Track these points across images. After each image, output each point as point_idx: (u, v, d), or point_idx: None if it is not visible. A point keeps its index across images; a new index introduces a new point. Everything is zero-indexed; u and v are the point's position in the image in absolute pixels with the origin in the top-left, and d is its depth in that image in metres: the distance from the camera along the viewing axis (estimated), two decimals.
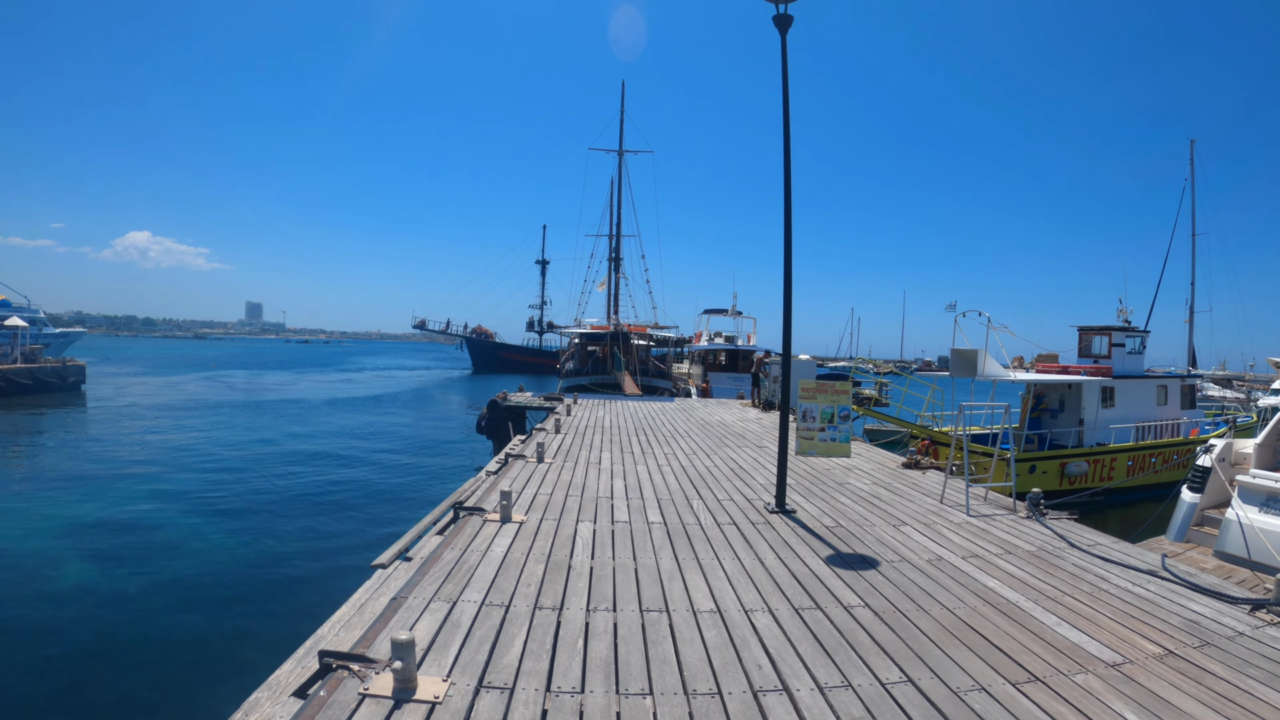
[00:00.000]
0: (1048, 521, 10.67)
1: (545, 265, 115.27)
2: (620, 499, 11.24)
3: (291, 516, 19.97)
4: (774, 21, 11.10)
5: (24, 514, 19.42)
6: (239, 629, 12.50)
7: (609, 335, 43.73)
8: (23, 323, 59.02)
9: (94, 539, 17.18)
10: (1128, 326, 26.58)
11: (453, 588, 6.77)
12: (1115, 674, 5.51)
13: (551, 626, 6.00)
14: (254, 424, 40.81)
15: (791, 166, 11.21)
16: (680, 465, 14.67)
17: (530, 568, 7.55)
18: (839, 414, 12.12)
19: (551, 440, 16.90)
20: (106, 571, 14.94)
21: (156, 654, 11.47)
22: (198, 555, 16.23)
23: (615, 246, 61.33)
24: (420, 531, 9.26)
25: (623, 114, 61.93)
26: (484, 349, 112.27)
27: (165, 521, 18.99)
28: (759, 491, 12.28)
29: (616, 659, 5.44)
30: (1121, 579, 8.03)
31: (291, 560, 16.15)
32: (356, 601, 6.72)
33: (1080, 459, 22.34)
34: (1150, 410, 25.56)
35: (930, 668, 5.46)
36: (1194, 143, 48.97)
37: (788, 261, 11.16)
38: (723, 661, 5.47)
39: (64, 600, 13.47)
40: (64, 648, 11.53)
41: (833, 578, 7.65)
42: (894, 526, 10.11)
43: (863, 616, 6.50)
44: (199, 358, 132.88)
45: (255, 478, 25.28)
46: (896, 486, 13.26)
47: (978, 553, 8.88)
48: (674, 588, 7.15)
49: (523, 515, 9.73)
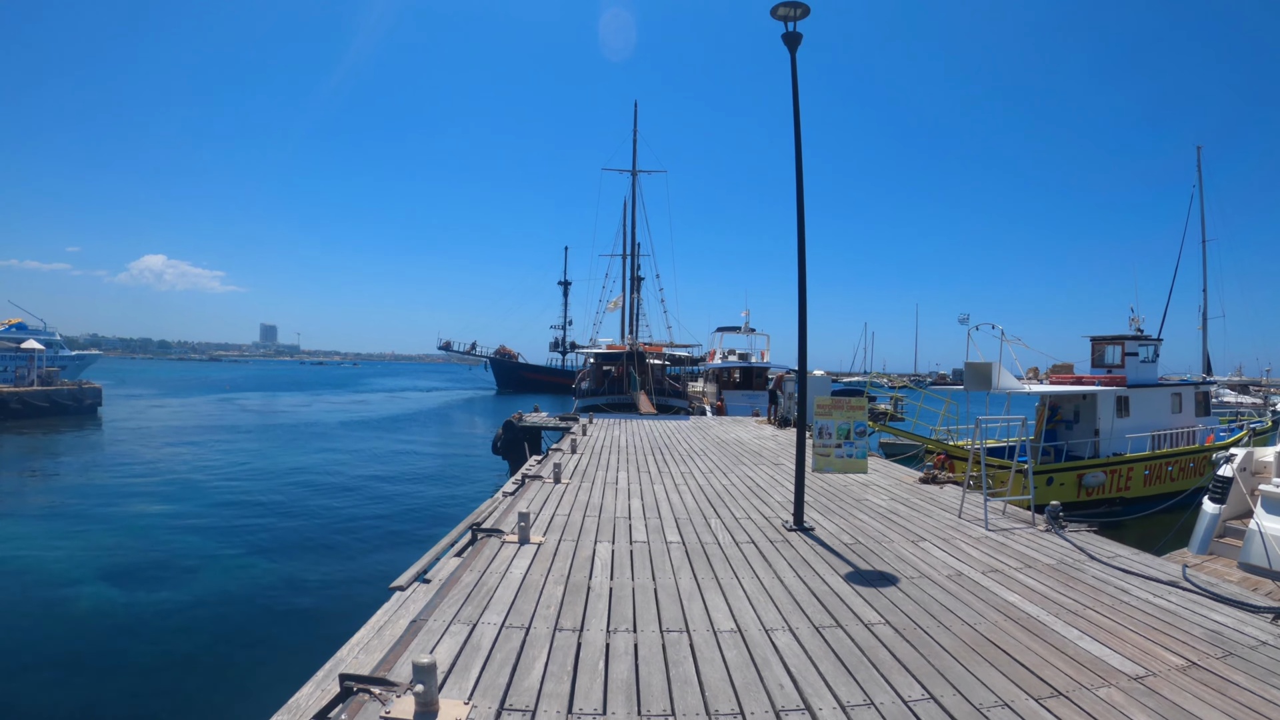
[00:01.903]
0: (1067, 534, 10.64)
1: (567, 286, 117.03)
2: (638, 519, 11.26)
3: (308, 538, 20.05)
4: (783, 40, 11.19)
5: (41, 536, 19.59)
6: (256, 651, 12.52)
7: (624, 355, 43.78)
8: (39, 345, 59.58)
9: (111, 561, 17.28)
10: (1140, 335, 26.50)
11: (472, 610, 6.80)
12: (1138, 687, 5.49)
13: (572, 648, 6.02)
14: (269, 446, 41.04)
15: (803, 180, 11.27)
16: (697, 484, 14.69)
17: (550, 589, 7.58)
18: (855, 430, 12.12)
19: (568, 460, 16.94)
20: (124, 594, 15.02)
21: (174, 677, 11.53)
22: (214, 577, 16.30)
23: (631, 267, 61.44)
24: (438, 553, 9.26)
25: (635, 134, 62.25)
26: (508, 369, 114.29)
27: (181, 543, 19.11)
28: (777, 509, 12.28)
29: (638, 680, 5.45)
30: (1142, 591, 8.01)
31: (308, 582, 16.19)
32: (375, 624, 6.72)
33: (1097, 470, 22.24)
34: (1165, 419, 25.45)
35: (952, 684, 5.46)
36: (1200, 148, 49.01)
37: (801, 284, 11.19)
38: (744, 681, 5.47)
39: (81, 623, 13.54)
40: (81, 670, 11.62)
41: (853, 595, 7.65)
42: (913, 542, 10.10)
43: (884, 634, 6.50)
44: (214, 380, 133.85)
45: (271, 499, 25.43)
46: (914, 502, 13.24)
47: (997, 567, 8.86)
48: (694, 607, 7.16)
49: (541, 536, 9.76)
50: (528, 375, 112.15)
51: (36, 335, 64.77)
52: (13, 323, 67.11)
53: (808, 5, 10.81)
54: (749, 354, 50.60)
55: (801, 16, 10.97)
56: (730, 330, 51.87)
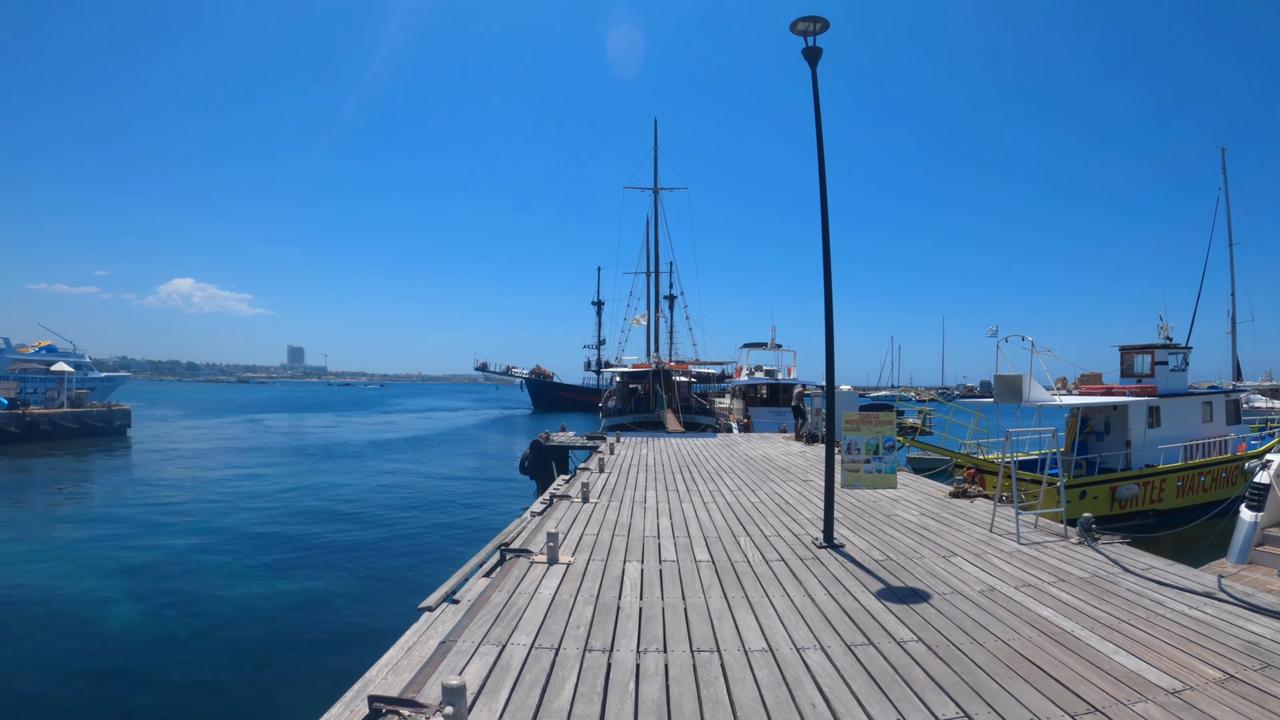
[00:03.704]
0: (1100, 547, 10.54)
1: (600, 306, 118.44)
2: (667, 537, 11.28)
3: (335, 558, 20.15)
4: (804, 55, 11.23)
5: (71, 556, 19.85)
6: (284, 672, 12.59)
7: (650, 373, 43.81)
8: (69, 368, 60.60)
9: (140, 582, 17.45)
10: (1169, 343, 26.22)
11: (501, 630, 6.84)
12: (1175, 701, 5.44)
13: (602, 669, 6.03)
14: (296, 467, 41.40)
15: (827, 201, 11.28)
16: (726, 502, 14.68)
17: (579, 609, 7.60)
18: (884, 445, 12.09)
19: (596, 479, 16.98)
20: (153, 614, 15.14)
21: (203, 696, 11.59)
22: (242, 597, 16.41)
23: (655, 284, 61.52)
24: (466, 574, 9.30)
25: (656, 152, 62.28)
26: (543, 389, 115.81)
27: (210, 564, 19.29)
28: (806, 526, 12.25)
29: (669, 701, 5.45)
30: (1177, 603, 7.93)
31: (336, 602, 16.26)
32: (404, 644, 6.74)
33: (1130, 482, 22.00)
34: (1197, 428, 25.13)
35: (987, 702, 5.43)
36: (1225, 150, 48.58)
37: (828, 300, 11.20)
38: (776, 701, 5.46)
39: (111, 642, 13.67)
40: (110, 689, 11.73)
41: (884, 612, 7.62)
42: (944, 558, 10.05)
43: (916, 651, 6.47)
44: (242, 402, 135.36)
45: (298, 520, 25.62)
46: (945, 517, 13.17)
47: (1030, 582, 8.80)
48: (724, 627, 7.15)
49: (570, 556, 9.80)
50: (562, 394, 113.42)
51: (66, 358, 65.94)
52: (42, 345, 68.35)
53: (827, 20, 10.84)
54: (775, 370, 50.46)
55: (821, 31, 11.02)
56: (756, 346, 51.76)
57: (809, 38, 11.10)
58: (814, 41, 11.14)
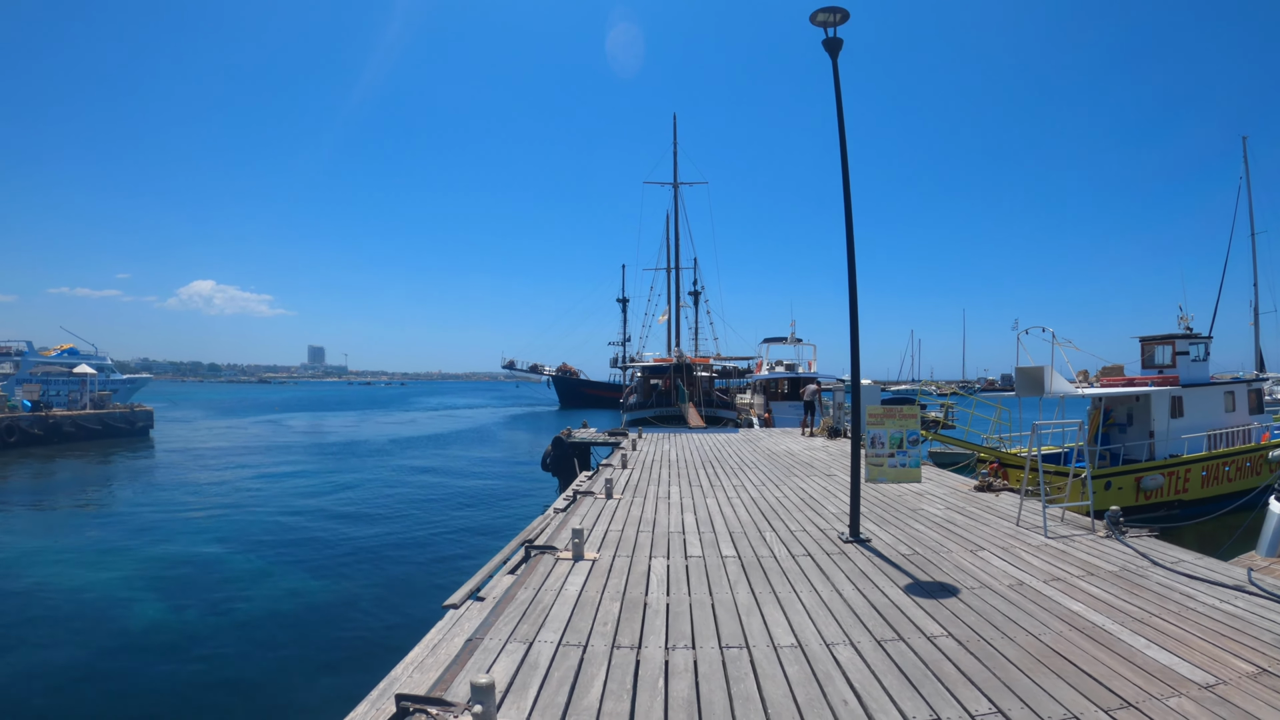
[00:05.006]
0: (1128, 540, 10.50)
1: (625, 303, 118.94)
2: (692, 533, 11.29)
3: (359, 556, 20.31)
4: (824, 46, 11.22)
5: (95, 555, 20.11)
6: (309, 670, 12.68)
7: (671, 368, 43.74)
8: (91, 370, 61.05)
9: (163, 580, 17.65)
10: (1190, 333, 26.06)
11: (528, 628, 6.85)
12: (1209, 695, 5.43)
13: (630, 666, 6.03)
14: (318, 465, 41.75)
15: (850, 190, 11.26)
16: (750, 497, 14.68)
17: (606, 606, 7.62)
18: (908, 439, 12.07)
19: (619, 475, 17.00)
20: (177, 613, 15.29)
21: (227, 695, 11.70)
22: (266, 596, 16.55)
23: (676, 280, 61.45)
24: (491, 570, 9.34)
25: (675, 147, 62.06)
26: (569, 386, 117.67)
27: (234, 563, 19.48)
28: (831, 521, 12.25)
29: (699, 698, 5.45)
30: (1208, 596, 7.89)
31: (359, 600, 16.36)
32: (429, 642, 6.78)
33: (1155, 472, 21.89)
34: (1219, 418, 25.00)
35: (1020, 697, 5.42)
36: (1246, 139, 48.03)
37: (852, 293, 11.18)
38: (807, 697, 5.46)
39: (135, 641, 13.80)
40: (135, 688, 11.84)
41: (913, 607, 7.62)
42: (971, 552, 10.03)
43: (947, 646, 6.47)
44: (263, 402, 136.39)
45: (320, 518, 25.87)
46: (970, 510, 13.13)
47: (1059, 575, 8.78)
48: (753, 622, 7.17)
49: (595, 552, 9.81)
50: (588, 391, 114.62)
51: (89, 360, 66.62)
52: (64, 348, 68.97)
53: (847, 10, 10.81)
54: (796, 364, 50.34)
55: (841, 22, 11.00)
56: (777, 341, 51.65)
57: (829, 28, 11.09)
58: (834, 33, 11.13)
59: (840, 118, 11.41)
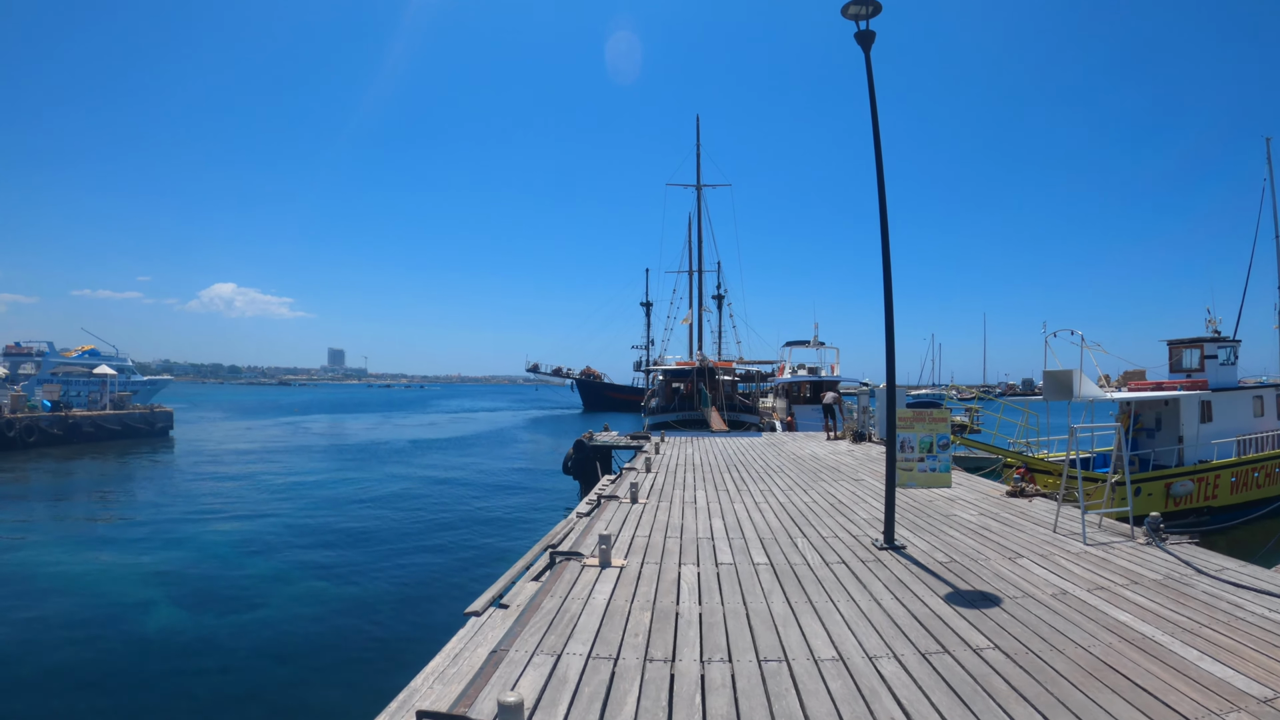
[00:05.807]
0: (1169, 547, 10.32)
1: (649, 307, 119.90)
2: (721, 539, 11.16)
3: (377, 560, 20.24)
4: (856, 40, 11.11)
5: (113, 557, 20.12)
6: (326, 677, 12.55)
7: (694, 371, 43.61)
8: (111, 371, 61.44)
9: (181, 583, 17.61)
10: (1218, 337, 25.75)
11: (555, 639, 6.66)
12: (1269, 710, 5.28)
13: (665, 680, 5.81)
14: (338, 468, 41.83)
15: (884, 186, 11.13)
16: (778, 502, 14.56)
17: (636, 616, 7.42)
18: (938, 443, 11.92)
19: (644, 479, 16.91)
20: (194, 618, 15.22)
21: (242, 703, 11.57)
22: (285, 601, 16.46)
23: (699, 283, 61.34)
24: (513, 576, 9.10)
25: (699, 148, 61.96)
26: (593, 389, 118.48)
27: (252, 566, 19.43)
28: (863, 527, 12.11)
29: (738, 715, 5.23)
30: (1258, 605, 7.72)
31: (378, 605, 16.23)
32: (450, 651, 6.60)
33: (1185, 478, 21.62)
34: (1249, 422, 24.69)
35: (1075, 714, 5.26)
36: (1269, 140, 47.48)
37: (888, 297, 11.05)
38: (853, 715, 5.25)
39: (151, 646, 13.71)
40: (151, 695, 11.75)
41: (955, 618, 7.46)
42: (1009, 559, 9.87)
43: (994, 659, 6.31)
44: (283, 404, 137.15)
45: (339, 521, 25.83)
46: (1004, 516, 12.97)
47: (1102, 584, 8.61)
48: (790, 634, 6.99)
49: (622, 559, 9.65)
50: (611, 395, 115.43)
51: (109, 361, 67.06)
52: (85, 349, 69.45)
53: (879, 3, 10.70)
54: (819, 368, 50.16)
55: (873, 14, 10.90)
56: (799, 344, 51.49)
57: (860, 21, 10.97)
58: (866, 25, 11.01)
59: (874, 113, 11.28)
